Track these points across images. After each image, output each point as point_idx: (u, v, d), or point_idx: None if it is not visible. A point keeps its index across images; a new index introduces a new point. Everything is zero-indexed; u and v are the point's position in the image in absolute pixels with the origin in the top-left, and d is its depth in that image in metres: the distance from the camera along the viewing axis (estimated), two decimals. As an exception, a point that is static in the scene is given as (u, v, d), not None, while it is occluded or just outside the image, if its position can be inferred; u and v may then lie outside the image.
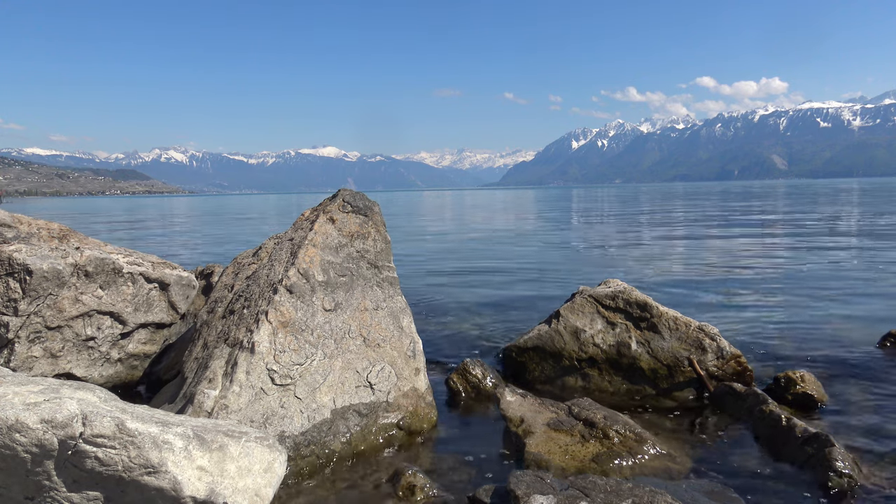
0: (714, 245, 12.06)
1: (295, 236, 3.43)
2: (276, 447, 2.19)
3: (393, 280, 3.51)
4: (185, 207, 53.56)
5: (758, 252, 10.69)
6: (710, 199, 40.59)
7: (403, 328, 3.39)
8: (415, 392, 3.24)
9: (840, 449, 2.62)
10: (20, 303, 3.30)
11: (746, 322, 5.41)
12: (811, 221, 17.61)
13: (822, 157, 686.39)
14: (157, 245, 15.60)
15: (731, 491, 2.44)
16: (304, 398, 2.85)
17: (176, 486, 1.84)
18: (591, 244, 13.33)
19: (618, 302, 4.02)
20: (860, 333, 4.88)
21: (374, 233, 3.54)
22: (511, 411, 3.12)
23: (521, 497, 2.16)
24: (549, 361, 4.00)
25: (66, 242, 3.63)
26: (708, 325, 3.86)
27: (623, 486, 2.23)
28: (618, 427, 2.89)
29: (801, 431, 2.81)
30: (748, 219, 19.92)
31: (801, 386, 3.53)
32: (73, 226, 4.02)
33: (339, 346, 3.07)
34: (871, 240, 12.10)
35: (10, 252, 3.30)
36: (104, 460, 1.79)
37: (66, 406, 1.77)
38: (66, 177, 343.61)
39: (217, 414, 2.64)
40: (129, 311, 3.77)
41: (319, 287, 3.14)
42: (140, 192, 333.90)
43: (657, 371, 3.76)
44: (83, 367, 3.63)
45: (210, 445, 1.97)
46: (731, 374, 3.72)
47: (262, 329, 2.86)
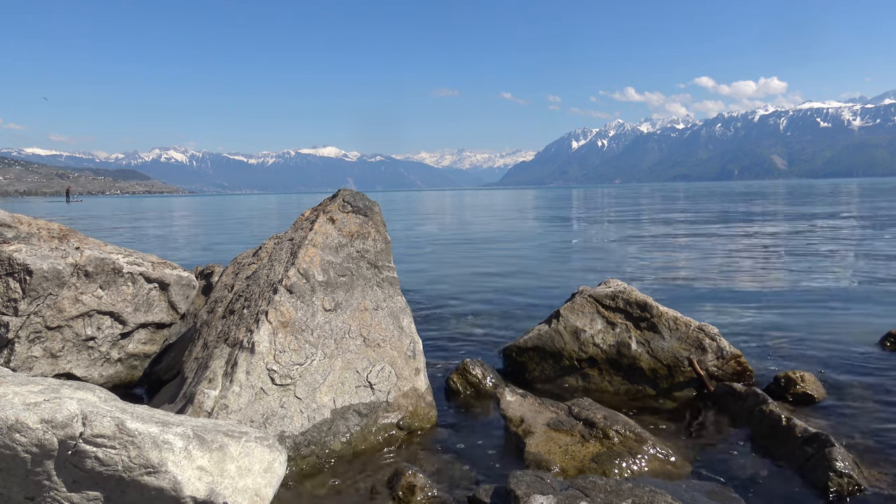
0: (714, 245, 12.05)
1: (295, 236, 3.43)
2: (276, 447, 2.19)
3: (393, 280, 3.51)
4: (186, 207, 53.56)
5: (758, 252, 10.69)
6: (710, 199, 40.58)
7: (403, 328, 3.39)
8: (415, 392, 3.24)
9: (840, 449, 2.62)
10: (20, 303, 3.30)
11: (746, 322, 5.41)
12: (811, 221, 17.61)
13: (822, 157, 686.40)
14: (157, 245, 15.60)
15: (731, 491, 2.44)
16: (304, 398, 2.85)
17: (176, 486, 1.84)
18: (591, 244, 13.33)
19: (618, 302, 4.02)
20: (860, 333, 4.88)
21: (374, 233, 3.54)
22: (511, 411, 3.12)
23: (521, 497, 2.16)
24: (549, 361, 4.00)
25: (66, 242, 3.63)
26: (708, 325, 3.86)
27: (623, 486, 2.23)
28: (618, 427, 2.89)
29: (801, 431, 2.81)
30: (748, 219, 19.91)
31: (801, 386, 3.53)
32: (73, 226, 4.02)
33: (339, 346, 3.07)
34: (871, 239, 12.10)
35: (10, 252, 3.30)
36: (104, 460, 1.79)
37: (66, 406, 1.77)
38: (66, 177, 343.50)
39: (217, 414, 2.64)
40: (129, 311, 3.77)
41: (319, 287, 3.14)
42: (140, 193, 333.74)
43: (657, 371, 3.76)
44: (83, 367, 3.63)
45: (210, 445, 1.97)
46: (731, 374, 3.72)
47: (262, 329, 2.86)
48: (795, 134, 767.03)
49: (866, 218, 18.56)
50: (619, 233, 16.13)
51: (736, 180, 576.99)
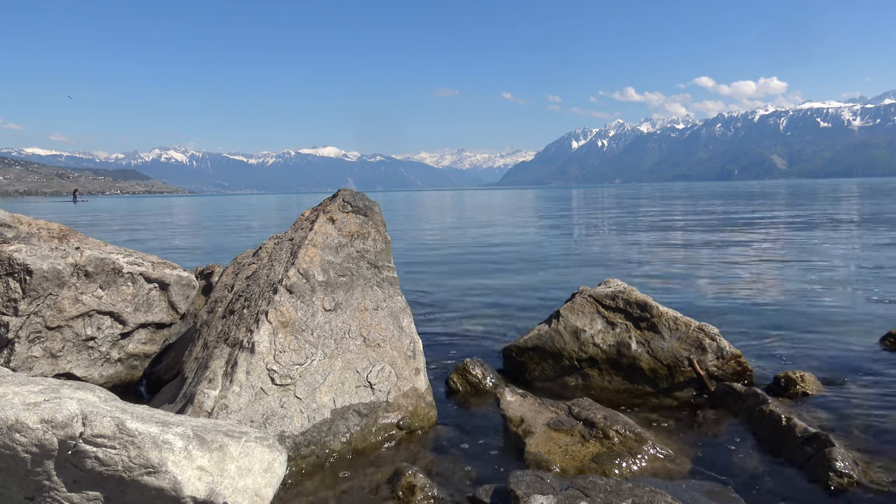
0: (715, 245, 12.05)
1: (295, 236, 3.43)
2: (276, 447, 2.19)
3: (393, 280, 3.51)
4: (186, 207, 53.56)
5: (758, 252, 10.69)
6: (710, 199, 40.58)
7: (403, 328, 3.39)
8: (415, 392, 3.24)
9: (840, 449, 2.62)
10: (20, 303, 3.30)
11: (746, 322, 5.41)
12: (811, 221, 17.60)
13: (822, 157, 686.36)
14: (156, 245, 15.60)
15: (731, 491, 2.44)
16: (304, 398, 2.85)
17: (176, 486, 1.84)
18: (591, 244, 13.33)
19: (618, 302, 4.02)
20: (860, 333, 4.88)
21: (374, 233, 3.54)
22: (511, 411, 3.12)
23: (521, 497, 2.16)
24: (549, 361, 4.00)
25: (66, 242, 3.63)
26: (708, 325, 3.86)
27: (623, 486, 2.23)
28: (618, 427, 2.89)
29: (801, 431, 2.81)
30: (749, 219, 19.91)
31: (801, 386, 3.53)
32: (72, 225, 4.02)
33: (339, 346, 3.07)
34: (871, 239, 12.10)
35: (10, 252, 3.30)
36: (104, 460, 1.79)
37: (66, 406, 1.77)
38: (66, 177, 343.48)
39: (217, 414, 2.64)
40: (129, 311, 3.77)
41: (319, 287, 3.14)
42: (140, 193, 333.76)
43: (657, 371, 3.76)
44: (83, 367, 3.63)
45: (210, 445, 1.97)
46: (731, 373, 3.72)
47: (262, 329, 2.86)
48: (795, 134, 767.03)
49: (866, 218, 18.56)
50: (619, 233, 16.13)
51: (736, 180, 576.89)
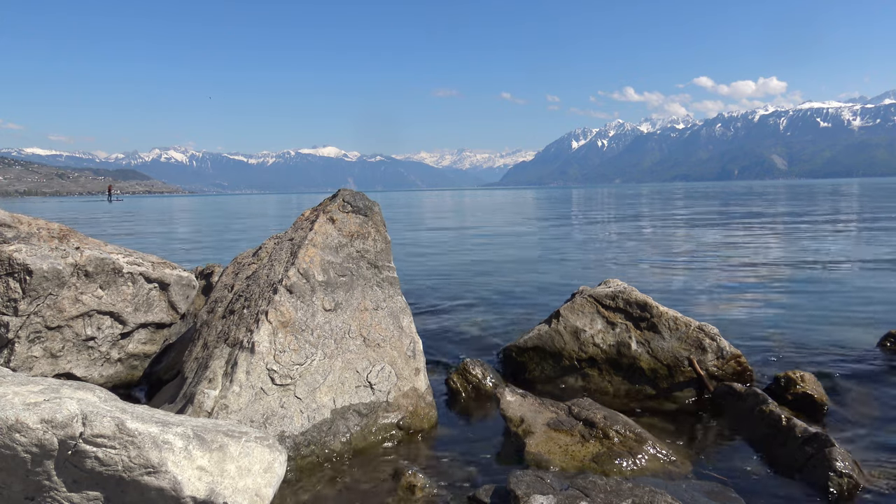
0: (715, 245, 12.05)
1: (295, 236, 3.43)
2: (276, 447, 2.19)
3: (393, 280, 3.51)
4: (186, 207, 53.56)
5: (758, 252, 10.69)
6: (710, 199, 40.58)
7: (403, 328, 3.39)
8: (415, 392, 3.25)
9: (840, 449, 2.62)
10: (20, 303, 3.30)
11: (746, 322, 5.41)
12: (811, 221, 17.60)
13: (822, 157, 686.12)
14: (156, 245, 15.60)
15: (731, 491, 2.44)
16: (304, 398, 2.85)
17: (176, 486, 1.84)
18: (591, 244, 13.33)
19: (618, 302, 4.02)
20: (860, 334, 4.87)
21: (374, 233, 3.54)
22: (511, 411, 3.12)
23: (521, 497, 2.16)
24: (549, 361, 4.00)
25: (66, 242, 3.63)
26: (708, 325, 3.86)
27: (623, 486, 2.23)
28: (618, 427, 2.89)
29: (800, 431, 2.81)
30: (749, 219, 19.91)
31: (801, 386, 3.53)
32: (73, 225, 4.02)
33: (339, 346, 3.07)
34: (871, 239, 12.10)
35: (10, 252, 3.30)
36: (104, 460, 1.79)
37: (66, 406, 1.77)
38: (66, 177, 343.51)
39: (217, 414, 2.64)
40: (129, 311, 3.77)
41: (319, 287, 3.14)
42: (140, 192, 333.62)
43: (657, 371, 3.76)
44: (83, 367, 3.63)
45: (210, 445, 1.97)
46: (731, 374, 3.72)
47: (262, 329, 2.86)
48: (795, 134, 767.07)
49: (867, 218, 18.56)
50: (619, 233, 16.13)
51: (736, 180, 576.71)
